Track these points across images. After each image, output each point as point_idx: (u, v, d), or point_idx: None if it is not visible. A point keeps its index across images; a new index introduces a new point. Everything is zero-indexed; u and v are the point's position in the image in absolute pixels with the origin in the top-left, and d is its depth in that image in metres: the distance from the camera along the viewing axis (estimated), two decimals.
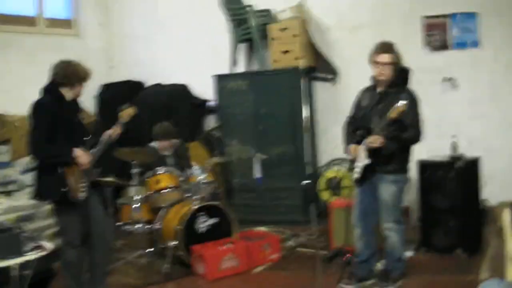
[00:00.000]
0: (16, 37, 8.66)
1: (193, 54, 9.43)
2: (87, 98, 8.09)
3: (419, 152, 5.56)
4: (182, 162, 7.24)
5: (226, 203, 6.78)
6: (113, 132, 5.16)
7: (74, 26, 9.81)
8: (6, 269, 4.77)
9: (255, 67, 8.80)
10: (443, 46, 7.67)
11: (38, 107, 4.87)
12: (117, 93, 9.20)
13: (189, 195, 6.70)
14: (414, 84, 5.23)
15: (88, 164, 4.91)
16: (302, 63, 7.41)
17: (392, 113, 4.73)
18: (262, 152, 7.25)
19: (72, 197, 4.83)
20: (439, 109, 7.46)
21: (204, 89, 8.99)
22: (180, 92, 9.18)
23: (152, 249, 6.64)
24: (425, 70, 7.28)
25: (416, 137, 5.04)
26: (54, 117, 4.82)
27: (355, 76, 7.61)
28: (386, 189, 5.13)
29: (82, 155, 4.86)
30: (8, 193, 7.09)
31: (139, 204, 6.61)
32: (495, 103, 7.48)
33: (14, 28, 8.74)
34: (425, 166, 6.42)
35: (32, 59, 8.48)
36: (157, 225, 6.59)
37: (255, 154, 7.29)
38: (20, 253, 4.74)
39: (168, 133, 7.14)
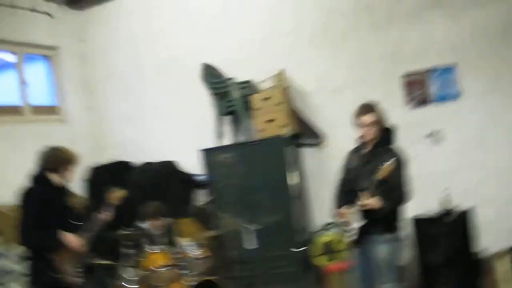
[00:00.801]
0: (3, 127, 8.69)
1: (179, 129, 9.47)
2: (77, 182, 8.07)
3: (412, 209, 5.55)
4: (172, 239, 7.20)
5: (224, 277, 6.70)
6: (105, 216, 5.16)
7: (59, 113, 9.89)
8: None
9: (241, 138, 8.83)
10: (424, 101, 7.73)
11: (28, 195, 4.88)
12: (106, 175, 9.21)
13: (185, 272, 6.63)
14: (401, 141, 5.25)
15: (81, 248, 4.87)
16: (285, 131, 7.45)
17: (379, 174, 4.73)
18: (255, 222, 7.24)
19: (68, 283, 4.78)
20: (427, 164, 7.43)
21: (192, 163, 8.97)
22: (168, 169, 9.16)
23: None
24: (409, 126, 7.29)
25: (405, 197, 5.04)
26: (44, 204, 4.81)
27: (340, 138, 7.67)
28: (380, 250, 5.10)
29: (74, 240, 4.83)
30: (4, 285, 6.99)
31: (136, 284, 6.54)
32: (482, 152, 7.47)
33: (1, 119, 8.78)
34: (419, 223, 6.41)
35: (19, 147, 8.50)
36: None
37: (245, 225, 7.29)
38: None
39: (158, 212, 7.13)
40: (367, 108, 5.19)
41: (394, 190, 4.94)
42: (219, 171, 8.40)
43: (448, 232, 6.15)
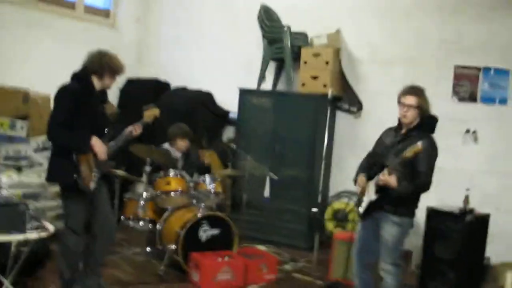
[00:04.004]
0: (53, 18, 8.74)
1: (222, 63, 9.50)
2: (112, 90, 8.17)
3: (429, 199, 5.53)
4: (192, 167, 7.28)
5: (231, 216, 6.78)
6: (135, 129, 5.19)
7: (110, 17, 9.91)
8: (7, 243, 4.81)
9: (282, 87, 8.82)
10: (470, 97, 7.65)
11: (64, 91, 4.89)
12: (143, 90, 9.27)
13: (195, 201, 6.72)
14: (437, 131, 5.21)
15: (104, 155, 4.93)
16: (331, 92, 7.40)
17: (408, 153, 4.71)
18: (275, 173, 7.26)
19: (82, 185, 4.85)
20: (457, 160, 7.43)
21: (228, 99, 9.04)
22: (203, 99, 9.21)
23: (151, 249, 6.68)
24: (449, 118, 7.24)
25: (425, 186, 4.99)
26: (78, 104, 4.84)
27: (379, 112, 7.69)
28: (389, 230, 5.08)
29: (99, 145, 4.87)
30: (18, 169, 7.11)
31: (146, 202, 6.65)
32: None
33: (52, 9, 8.82)
34: (434, 214, 6.40)
35: (65, 42, 8.57)
36: (159, 226, 6.61)
37: (268, 173, 7.31)
38: (23, 230, 4.76)
39: (186, 133, 7.18)
40: (412, 90, 5.13)
41: (416, 175, 4.92)
42: (252, 114, 8.43)
43: (462, 230, 6.12)
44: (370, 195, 5.08)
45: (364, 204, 5.15)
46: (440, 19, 7.86)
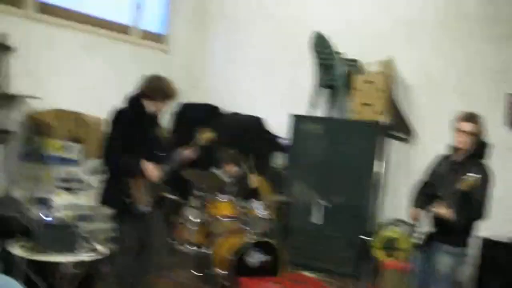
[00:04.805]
0: (108, 42, 8.92)
1: (273, 87, 9.55)
2: (165, 115, 8.25)
3: (484, 230, 5.44)
4: (243, 192, 7.28)
5: (280, 242, 6.75)
6: (189, 152, 5.23)
7: (165, 41, 10.07)
8: (58, 264, 4.87)
9: (333, 114, 8.79)
10: None
11: (119, 116, 4.97)
12: (194, 115, 9.33)
13: (245, 227, 6.72)
14: (492, 160, 5.13)
15: (156, 179, 4.97)
16: (383, 119, 7.38)
17: (462, 185, 4.63)
18: (325, 199, 7.22)
19: (135, 209, 4.89)
20: None
21: (278, 125, 9.04)
22: (255, 124, 9.23)
23: (199, 273, 6.69)
24: (503, 146, 7.13)
25: (480, 215, 4.91)
26: (132, 128, 4.91)
27: (431, 139, 7.58)
28: (443, 260, 5.00)
29: (152, 169, 4.93)
30: (70, 190, 7.23)
31: (196, 226, 6.68)
32: None
33: (107, 33, 9.02)
34: (489, 244, 6.29)
35: (118, 66, 8.74)
36: (209, 250, 6.61)
37: (317, 200, 7.28)
38: (74, 251, 4.82)
39: (234, 159, 7.22)
40: (470, 116, 5.07)
41: (472, 205, 4.84)
42: (304, 140, 8.39)
43: None
44: (424, 225, 5.01)
45: (420, 235, 5.07)
46: (494, 44, 7.69)
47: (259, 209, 6.76)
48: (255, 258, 6.38)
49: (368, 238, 7.12)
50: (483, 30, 7.84)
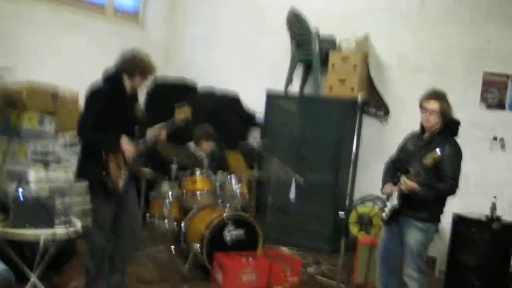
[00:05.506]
0: (84, 20, 8.90)
1: (249, 64, 9.55)
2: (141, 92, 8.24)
3: (455, 205, 5.50)
4: (217, 167, 7.31)
5: (256, 218, 6.80)
6: (164, 130, 5.20)
7: (139, 19, 10.04)
8: (36, 238, 4.85)
9: (309, 90, 8.82)
10: (499, 105, 7.59)
11: (95, 93, 4.94)
12: (169, 91, 9.28)
13: (221, 202, 6.75)
14: (464, 138, 5.18)
15: (132, 155, 4.97)
16: (360, 96, 7.39)
17: (427, 160, 4.69)
18: (301, 176, 7.25)
19: (111, 184, 4.90)
20: (484, 167, 7.37)
21: (254, 102, 9.06)
22: (231, 101, 9.22)
23: (175, 248, 6.72)
24: (477, 125, 7.24)
25: (450, 190, 4.96)
26: (109, 105, 4.88)
27: (405, 117, 7.62)
28: (413, 236, 5.05)
29: (129, 145, 4.92)
30: (46, 164, 7.18)
31: (171, 201, 6.69)
32: None
33: (84, 13, 8.99)
34: (460, 221, 6.38)
35: (95, 43, 8.74)
36: (184, 225, 6.64)
37: (294, 176, 7.31)
38: (51, 225, 4.81)
39: (209, 135, 7.24)
40: (434, 95, 5.09)
41: (440, 180, 4.89)
42: (279, 116, 8.44)
43: (488, 238, 6.11)
44: (393, 201, 5.06)
45: (387, 210, 5.14)
46: (471, 25, 7.78)
47: (235, 184, 6.78)
48: (231, 233, 6.40)
49: (344, 214, 7.18)
50: (462, 10, 7.88)
